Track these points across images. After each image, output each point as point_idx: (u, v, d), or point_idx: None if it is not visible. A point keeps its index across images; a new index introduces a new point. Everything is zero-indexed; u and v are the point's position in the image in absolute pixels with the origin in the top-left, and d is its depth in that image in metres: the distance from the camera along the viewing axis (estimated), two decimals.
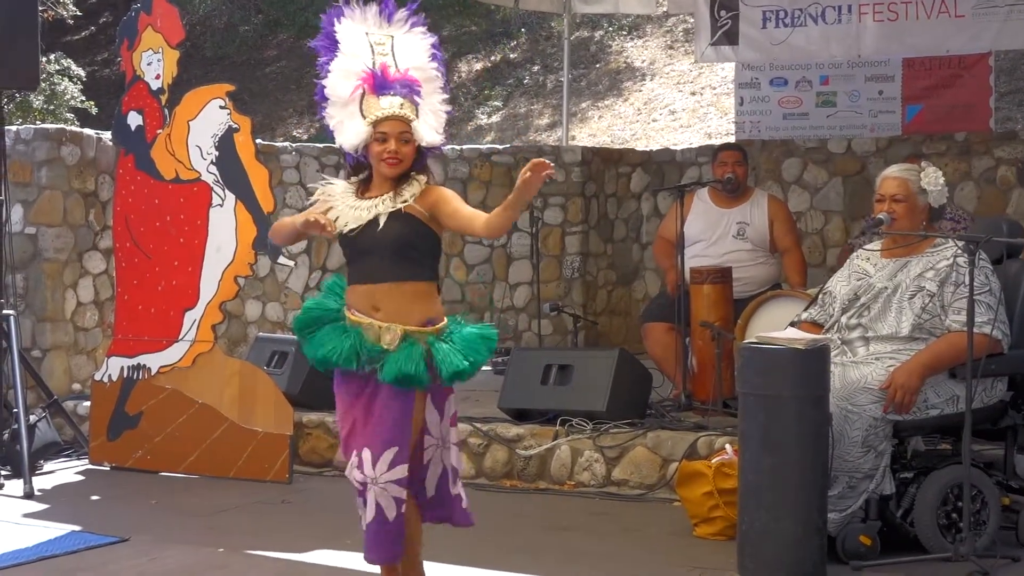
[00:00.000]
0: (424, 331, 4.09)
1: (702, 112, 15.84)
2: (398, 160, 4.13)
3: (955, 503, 4.82)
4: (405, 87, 4.19)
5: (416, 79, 4.23)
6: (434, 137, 4.21)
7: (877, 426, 4.83)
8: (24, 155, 7.62)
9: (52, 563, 4.95)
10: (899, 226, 5.12)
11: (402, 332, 4.08)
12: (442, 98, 4.28)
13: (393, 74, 4.20)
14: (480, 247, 9.99)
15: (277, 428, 6.52)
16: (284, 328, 9.17)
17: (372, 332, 4.10)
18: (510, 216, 4.04)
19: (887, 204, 5.14)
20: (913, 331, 4.98)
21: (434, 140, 4.22)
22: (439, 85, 4.28)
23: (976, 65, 10.29)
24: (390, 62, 4.23)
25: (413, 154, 4.16)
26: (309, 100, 19.14)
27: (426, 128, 4.19)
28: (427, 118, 4.21)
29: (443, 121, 4.26)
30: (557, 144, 11.91)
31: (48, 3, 15.93)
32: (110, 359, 7.01)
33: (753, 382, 4.70)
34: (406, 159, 4.14)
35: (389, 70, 4.22)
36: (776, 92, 10.96)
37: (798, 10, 9.88)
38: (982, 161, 9.30)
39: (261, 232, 6.58)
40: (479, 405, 6.95)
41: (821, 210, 9.75)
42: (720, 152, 7.39)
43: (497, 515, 5.66)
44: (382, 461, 4.05)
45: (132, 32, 7.01)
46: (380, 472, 4.05)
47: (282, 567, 4.89)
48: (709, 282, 6.65)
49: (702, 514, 5.26)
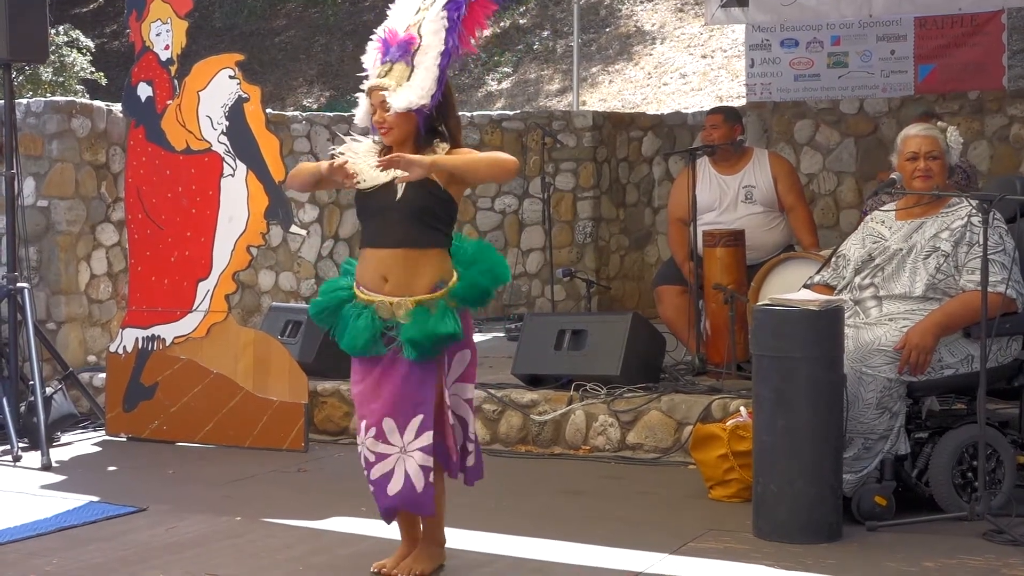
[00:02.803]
0: (434, 297, 4.10)
1: (713, 75, 15.77)
2: (387, 128, 4.12)
3: (970, 462, 4.82)
4: (400, 49, 4.15)
5: (412, 37, 4.14)
6: (408, 101, 4.08)
7: (891, 387, 4.82)
8: (35, 128, 7.62)
9: (70, 533, 4.98)
10: (934, 183, 5.07)
11: (413, 304, 4.09)
12: (437, 52, 4.11)
13: (399, 37, 4.18)
14: (492, 214, 9.98)
15: (292, 397, 6.54)
16: (297, 297, 9.19)
17: (384, 310, 4.11)
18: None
19: (922, 161, 5.09)
20: (927, 291, 4.97)
21: (405, 104, 4.07)
22: (442, 37, 4.11)
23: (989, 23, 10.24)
24: (417, 20, 4.17)
25: (401, 120, 4.10)
26: (318, 69, 19.13)
27: (408, 91, 4.09)
28: (419, 78, 4.11)
29: (433, 77, 4.09)
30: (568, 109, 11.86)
31: None
32: (124, 330, 7.03)
33: (767, 344, 4.70)
34: (395, 126, 4.12)
35: (397, 34, 4.19)
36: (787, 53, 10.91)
37: None
38: (995, 119, 9.26)
39: (273, 202, 6.58)
40: (493, 371, 6.95)
41: (834, 171, 9.72)
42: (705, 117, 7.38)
43: (513, 480, 5.68)
44: (409, 429, 4.08)
45: (140, 3, 6.99)
46: (408, 441, 4.08)
47: (299, 534, 4.92)
48: (722, 245, 6.64)
49: (717, 477, 5.26)
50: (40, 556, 4.65)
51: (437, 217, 4.14)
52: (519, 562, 4.49)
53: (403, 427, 4.10)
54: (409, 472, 4.11)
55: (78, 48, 15.55)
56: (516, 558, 4.53)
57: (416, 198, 4.10)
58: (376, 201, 4.16)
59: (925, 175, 5.08)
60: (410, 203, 4.10)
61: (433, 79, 4.11)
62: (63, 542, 4.85)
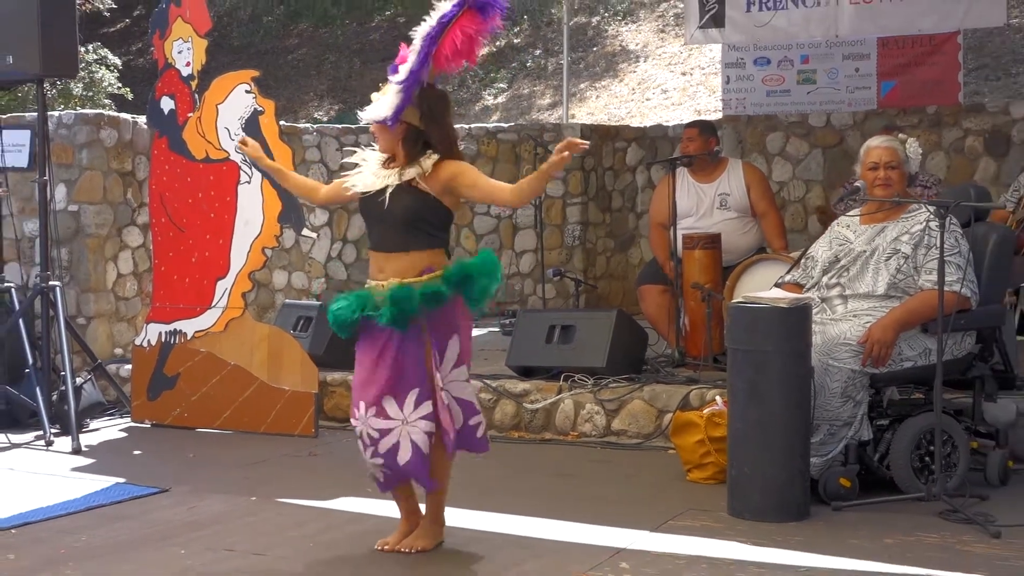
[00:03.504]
0: (420, 279, 4.14)
1: (692, 91, 15.77)
2: (375, 137, 4.25)
3: (928, 447, 4.83)
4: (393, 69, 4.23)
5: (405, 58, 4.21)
6: (372, 114, 4.17)
7: (855, 378, 4.83)
8: (66, 138, 7.61)
9: (99, 512, 4.98)
10: (894, 191, 5.09)
11: (397, 282, 4.13)
12: (407, 71, 4.13)
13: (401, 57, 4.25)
14: (488, 218, 9.98)
15: (303, 386, 6.53)
16: (308, 295, 9.19)
17: (377, 292, 4.18)
18: (537, 187, 4.16)
19: (882, 171, 5.10)
20: (888, 290, 4.98)
21: (369, 116, 4.18)
22: (413, 58, 4.13)
23: (946, 43, 10.23)
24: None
25: (379, 132, 4.21)
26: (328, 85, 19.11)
27: (374, 106, 4.19)
28: (388, 95, 4.18)
29: (395, 93, 4.12)
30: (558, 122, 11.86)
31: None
32: (149, 325, 7.02)
33: (741, 338, 4.70)
34: (379, 135, 4.22)
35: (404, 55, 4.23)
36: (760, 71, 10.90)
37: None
38: (952, 132, 9.26)
39: (286, 207, 6.58)
40: (489, 363, 6.96)
41: (803, 180, 9.72)
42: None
43: (507, 464, 5.69)
44: (408, 402, 4.10)
45: (163, 23, 6.99)
46: (408, 411, 4.09)
47: (310, 513, 4.92)
48: (700, 248, 6.65)
49: (695, 460, 5.27)
50: (71, 533, 4.65)
51: (429, 223, 4.21)
52: (511, 538, 4.49)
53: (402, 401, 4.12)
54: (416, 440, 4.12)
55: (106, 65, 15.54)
56: (509, 535, 4.54)
57: (409, 205, 4.15)
58: (375, 208, 4.24)
59: (885, 183, 5.10)
60: (405, 210, 4.17)
61: (396, 95, 4.15)
62: (92, 520, 4.86)
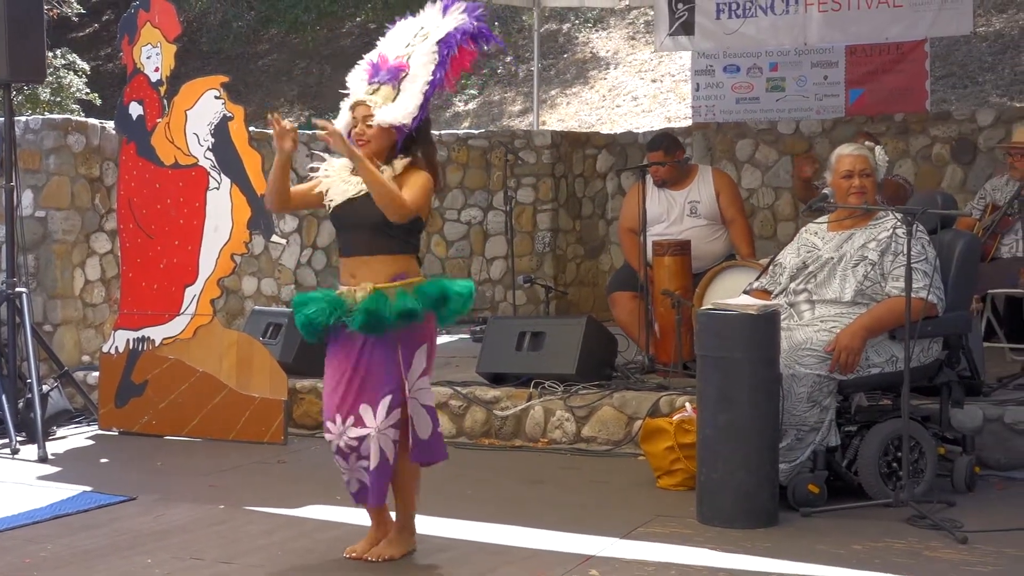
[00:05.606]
0: (393, 285, 4.13)
1: (662, 98, 15.82)
2: (366, 140, 4.19)
3: (895, 453, 4.85)
4: (390, 73, 4.24)
5: (404, 65, 4.23)
6: (393, 117, 4.16)
7: (822, 383, 4.85)
8: (33, 144, 7.55)
9: (65, 521, 4.94)
10: (868, 198, 5.11)
11: (372, 288, 4.12)
12: (425, 81, 4.20)
13: (389, 63, 4.25)
14: (459, 224, 9.97)
15: (272, 394, 6.50)
16: (278, 302, 9.14)
17: (349, 296, 4.17)
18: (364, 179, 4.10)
19: (857, 179, 5.11)
20: (856, 296, 5.00)
21: (389, 119, 4.16)
22: (431, 69, 4.20)
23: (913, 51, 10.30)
24: (407, 52, 4.26)
25: (380, 135, 4.18)
26: (299, 91, 19.06)
27: (393, 109, 4.18)
28: (405, 99, 4.19)
29: (416, 103, 4.18)
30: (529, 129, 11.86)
31: (53, 2, 15.76)
32: (116, 332, 6.98)
33: (710, 345, 4.71)
34: (373, 139, 4.19)
35: (388, 60, 4.25)
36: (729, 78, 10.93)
37: (749, 2, 9.86)
38: (919, 140, 9.33)
39: (255, 213, 6.57)
40: (459, 370, 6.95)
41: (772, 187, 9.76)
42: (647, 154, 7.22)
43: (477, 471, 5.68)
44: (380, 409, 4.12)
45: (132, 28, 6.96)
46: (380, 420, 4.12)
47: (279, 521, 4.89)
48: (670, 254, 6.66)
49: (664, 467, 5.27)
50: (36, 542, 4.61)
51: (400, 227, 4.19)
52: (481, 546, 4.48)
53: (375, 409, 4.13)
54: (384, 448, 4.15)
55: (74, 70, 15.45)
56: (479, 542, 4.53)
57: (377, 212, 4.15)
58: (346, 215, 4.25)
59: (860, 191, 5.12)
60: (376, 215, 4.15)
61: (417, 104, 4.20)
62: (58, 529, 4.81)
